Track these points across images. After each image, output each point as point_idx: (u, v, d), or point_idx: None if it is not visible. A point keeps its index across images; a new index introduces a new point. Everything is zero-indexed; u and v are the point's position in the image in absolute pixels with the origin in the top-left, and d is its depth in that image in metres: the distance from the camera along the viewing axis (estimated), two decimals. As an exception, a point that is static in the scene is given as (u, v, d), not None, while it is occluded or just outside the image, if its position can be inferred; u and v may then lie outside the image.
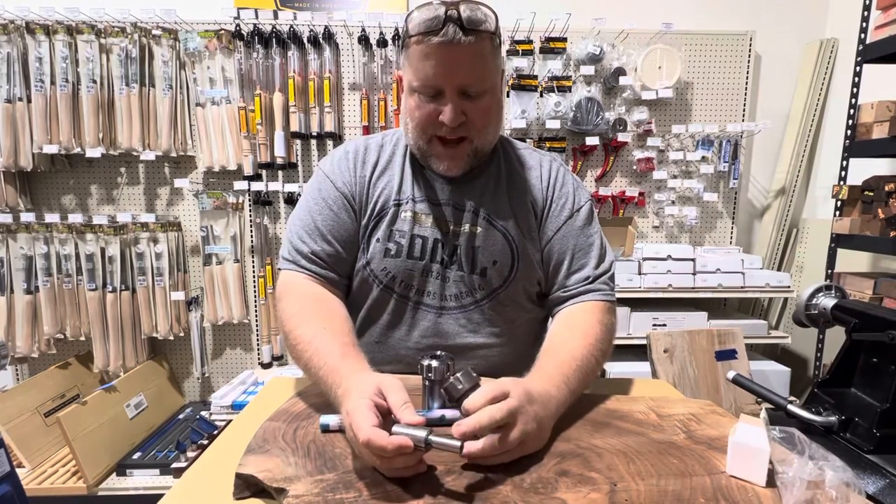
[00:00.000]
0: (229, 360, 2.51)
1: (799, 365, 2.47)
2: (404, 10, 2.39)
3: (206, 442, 1.98)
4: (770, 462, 0.58)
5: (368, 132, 2.28)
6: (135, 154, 2.20)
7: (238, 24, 2.18)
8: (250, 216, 2.35)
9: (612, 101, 2.38)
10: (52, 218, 2.19)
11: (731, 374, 1.11)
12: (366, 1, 2.41)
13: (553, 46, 2.26)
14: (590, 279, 0.91)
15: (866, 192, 1.89)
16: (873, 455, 0.87)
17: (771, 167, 2.58)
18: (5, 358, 1.37)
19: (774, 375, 2.15)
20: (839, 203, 2.05)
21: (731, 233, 2.52)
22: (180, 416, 2.33)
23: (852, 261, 2.15)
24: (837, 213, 2.05)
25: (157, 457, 2.02)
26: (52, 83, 2.11)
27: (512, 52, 2.23)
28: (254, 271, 2.40)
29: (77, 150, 2.15)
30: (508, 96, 2.25)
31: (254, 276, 2.40)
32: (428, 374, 0.71)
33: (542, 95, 2.29)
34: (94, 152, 2.14)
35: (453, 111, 0.81)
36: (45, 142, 2.12)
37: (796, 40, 2.50)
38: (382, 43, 2.23)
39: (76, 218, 2.19)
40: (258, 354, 2.48)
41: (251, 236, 2.37)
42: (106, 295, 2.21)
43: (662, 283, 2.14)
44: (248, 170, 2.22)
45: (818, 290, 1.18)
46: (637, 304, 2.20)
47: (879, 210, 1.82)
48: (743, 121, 2.43)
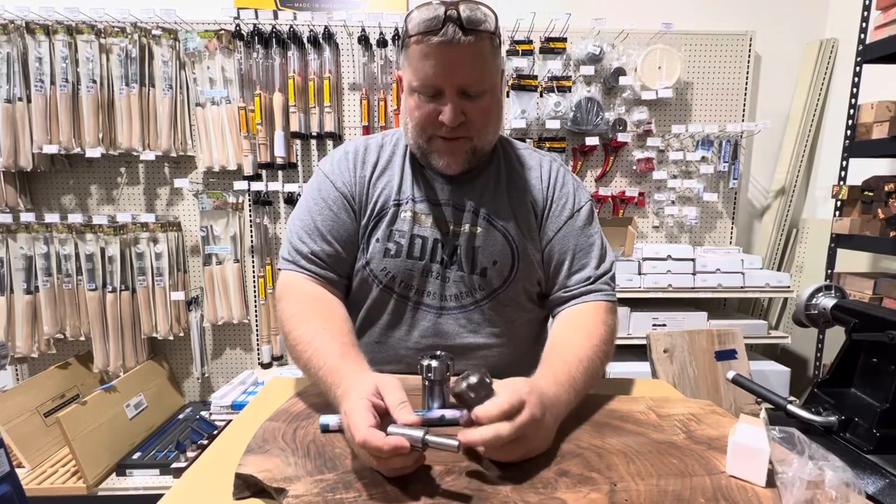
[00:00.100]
0: (229, 360, 2.51)
1: (799, 365, 2.47)
2: (404, 10, 2.39)
3: (205, 442, 1.98)
4: (770, 462, 0.58)
5: (368, 132, 2.28)
6: (135, 154, 2.20)
7: (238, 24, 2.18)
8: (250, 216, 2.35)
9: (612, 101, 2.38)
10: (51, 218, 2.19)
11: (730, 375, 1.11)
12: (366, 1, 2.41)
13: (553, 46, 2.26)
14: (591, 279, 0.91)
15: (866, 193, 1.89)
16: (873, 455, 0.87)
17: (771, 167, 2.58)
18: (5, 358, 1.37)
19: (774, 375, 2.15)
20: (839, 203, 2.05)
21: (731, 233, 2.52)
22: (180, 416, 2.33)
23: (852, 261, 2.15)
24: (837, 213, 2.05)
25: (157, 457, 2.02)
26: (52, 83, 2.11)
27: (512, 52, 2.23)
28: (254, 271, 2.40)
29: (77, 150, 2.15)
30: (508, 96, 2.25)
31: (254, 276, 2.40)
32: (428, 374, 0.71)
33: (541, 95, 2.29)
34: (93, 152, 2.14)
35: (453, 111, 0.81)
36: (45, 142, 2.12)
37: (796, 40, 2.50)
38: (382, 43, 2.23)
39: (76, 218, 2.19)
40: (258, 354, 2.48)
41: (251, 236, 2.37)
42: (106, 295, 2.21)
43: (662, 283, 2.14)
44: (248, 170, 2.22)
45: (818, 290, 1.18)
46: (637, 304, 2.20)
47: (879, 210, 1.82)
48: (743, 121, 2.43)
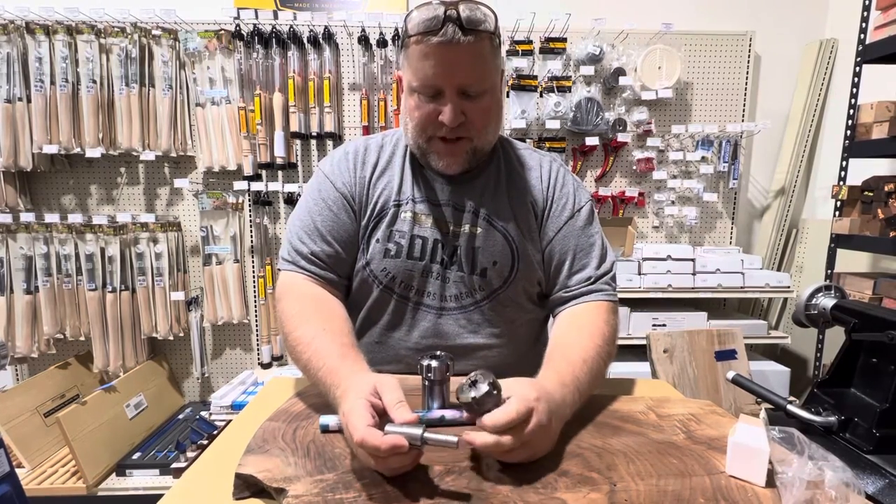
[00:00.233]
0: (229, 361, 2.51)
1: (798, 365, 2.47)
2: (404, 10, 2.39)
3: (205, 442, 1.97)
4: (770, 462, 0.58)
5: (368, 132, 2.28)
6: (135, 154, 2.20)
7: (238, 25, 2.18)
8: (250, 216, 2.35)
9: (612, 101, 2.38)
10: (51, 218, 2.19)
11: (730, 375, 1.11)
12: (366, 1, 2.41)
13: (553, 47, 2.26)
14: (592, 279, 0.91)
15: (866, 193, 1.89)
16: (873, 455, 0.87)
17: (771, 167, 2.58)
18: (5, 358, 1.37)
19: (774, 375, 2.15)
20: (839, 203, 2.05)
21: (731, 233, 2.52)
22: (180, 417, 2.33)
23: (852, 261, 2.15)
24: (837, 213, 2.06)
25: (157, 457, 2.02)
26: (52, 83, 2.11)
27: (512, 53, 2.23)
28: (254, 271, 2.40)
29: (77, 150, 2.15)
30: (508, 96, 2.25)
31: (254, 277, 2.40)
32: (428, 374, 0.71)
33: (541, 95, 2.29)
34: (93, 152, 2.14)
35: (453, 111, 0.81)
36: (45, 142, 2.12)
37: (796, 41, 2.50)
38: (382, 43, 2.23)
39: (76, 218, 2.19)
40: (258, 354, 2.48)
41: (251, 236, 2.37)
42: (106, 295, 2.20)
43: (662, 284, 2.14)
44: (248, 170, 2.22)
45: (818, 290, 1.18)
46: (637, 305, 2.20)
47: (879, 210, 1.82)
48: (743, 121, 2.43)
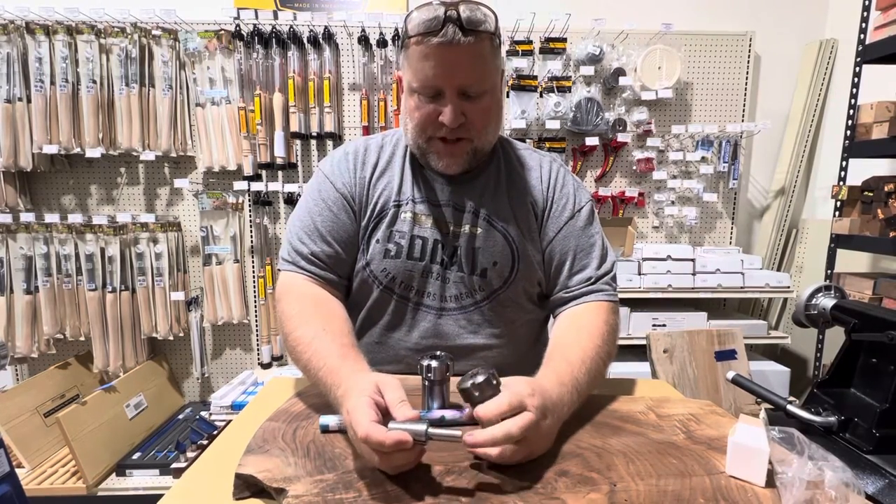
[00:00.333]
0: (229, 361, 2.51)
1: (798, 365, 2.47)
2: (404, 10, 2.39)
3: (205, 442, 1.97)
4: (769, 462, 0.58)
5: (368, 132, 2.28)
6: (135, 154, 2.20)
7: (238, 25, 2.18)
8: (250, 216, 2.35)
9: (612, 101, 2.38)
10: (51, 218, 2.19)
11: (730, 375, 1.11)
12: (366, 1, 2.41)
13: (553, 47, 2.26)
14: (592, 280, 0.91)
15: (866, 193, 1.90)
16: (873, 455, 0.87)
17: (771, 167, 2.58)
18: (5, 358, 1.37)
19: (774, 376, 2.15)
20: (839, 203, 2.05)
21: (731, 233, 2.52)
22: (180, 417, 2.33)
23: (852, 261, 2.15)
24: (837, 213, 2.06)
25: (157, 457, 2.02)
26: (52, 83, 2.11)
27: (512, 53, 2.23)
28: (253, 271, 2.40)
29: (77, 151, 2.15)
30: (508, 96, 2.25)
31: (253, 277, 2.40)
32: (427, 374, 0.71)
33: (541, 96, 2.29)
34: (93, 152, 2.14)
35: (453, 112, 0.81)
36: (45, 142, 2.12)
37: (796, 41, 2.50)
38: (382, 43, 2.23)
39: (76, 218, 2.19)
40: (258, 355, 2.48)
41: (251, 236, 2.37)
42: (106, 295, 2.20)
43: (662, 284, 2.14)
44: (248, 170, 2.22)
45: (818, 290, 1.18)
46: (637, 305, 2.20)
47: (879, 210, 1.82)
48: (742, 121, 2.43)
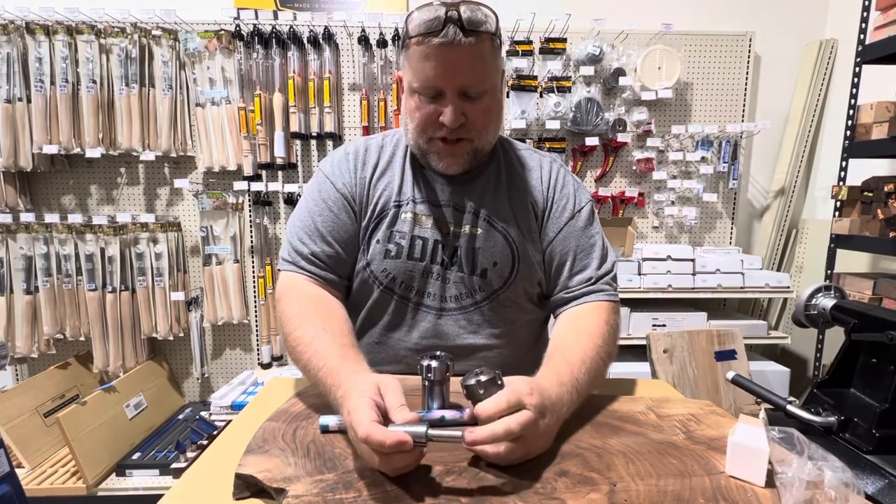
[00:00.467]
0: (229, 361, 2.51)
1: (798, 365, 2.47)
2: (404, 10, 2.39)
3: (205, 442, 1.97)
4: (769, 462, 0.58)
5: (368, 132, 2.28)
6: (135, 154, 2.20)
7: (238, 25, 2.18)
8: (250, 216, 2.35)
9: (612, 101, 2.38)
10: (51, 218, 2.19)
11: (730, 375, 1.10)
12: (366, 1, 2.41)
13: (553, 47, 2.26)
14: (592, 280, 0.91)
15: (866, 193, 1.90)
16: (872, 455, 0.87)
17: (770, 167, 2.58)
18: (5, 358, 1.37)
19: (774, 376, 2.15)
20: (839, 203, 2.05)
21: (731, 233, 2.52)
22: (180, 417, 2.33)
23: (852, 261, 2.15)
24: (837, 213, 2.06)
25: (157, 457, 2.02)
26: (52, 83, 2.11)
27: (512, 53, 2.23)
28: (253, 272, 2.40)
29: (77, 151, 2.15)
30: (508, 97, 2.25)
31: (253, 277, 2.40)
32: (427, 374, 0.71)
33: (541, 96, 2.29)
34: (93, 152, 2.14)
35: (454, 112, 0.81)
36: (45, 142, 2.12)
37: (796, 41, 2.50)
38: (382, 43, 2.23)
39: (76, 218, 2.19)
40: (258, 355, 2.48)
41: (251, 237, 2.37)
42: (106, 295, 2.20)
43: (662, 284, 2.14)
44: (248, 170, 2.22)
45: (817, 290, 1.18)
46: (637, 305, 2.20)
47: (879, 210, 1.82)
48: (742, 121, 2.43)
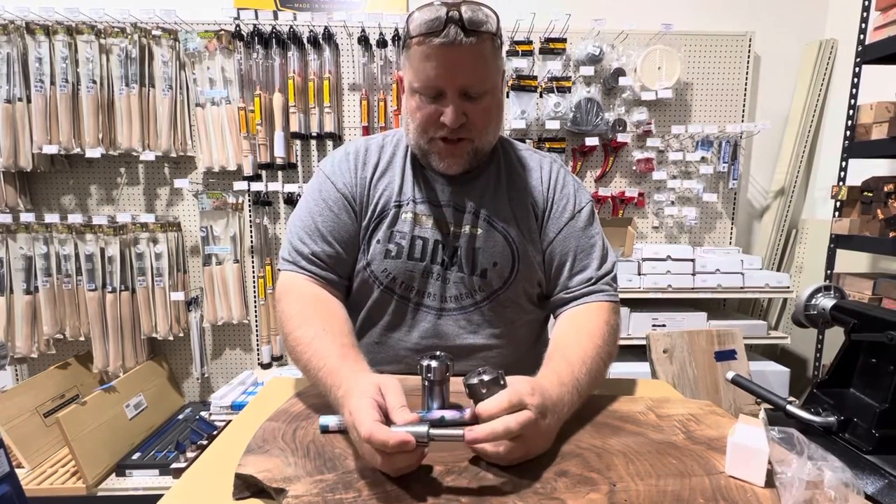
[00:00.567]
0: (229, 361, 2.51)
1: (798, 365, 2.47)
2: (404, 10, 2.39)
3: (205, 442, 1.97)
4: (769, 462, 0.58)
5: (368, 132, 2.28)
6: (134, 154, 2.20)
7: (238, 25, 2.18)
8: (250, 216, 2.35)
9: (612, 101, 2.38)
10: (51, 218, 2.19)
11: (730, 375, 1.10)
12: (366, 1, 2.41)
13: (553, 47, 2.26)
14: (592, 280, 0.92)
15: (865, 193, 1.90)
16: (872, 455, 0.87)
17: (770, 168, 2.58)
18: (5, 358, 1.37)
19: (774, 376, 2.15)
20: (838, 204, 2.05)
21: (731, 233, 2.52)
22: (180, 417, 2.33)
23: (851, 261, 2.15)
24: (837, 213, 2.06)
25: (157, 457, 2.02)
26: (52, 83, 2.11)
27: (512, 53, 2.23)
28: (253, 272, 2.40)
29: (77, 151, 2.15)
30: (508, 97, 2.25)
31: (253, 277, 2.40)
32: (427, 374, 0.71)
33: (541, 96, 2.29)
34: (93, 152, 2.14)
35: (454, 112, 0.81)
36: (45, 142, 2.12)
37: (796, 41, 2.50)
38: (382, 43, 2.23)
39: (76, 218, 2.19)
40: (258, 355, 2.48)
41: (251, 237, 2.37)
42: (105, 295, 2.20)
43: (662, 284, 2.14)
44: (248, 170, 2.22)
45: (817, 290, 1.18)
46: (636, 305, 2.20)
47: (879, 211, 1.82)
48: (742, 121, 2.43)
